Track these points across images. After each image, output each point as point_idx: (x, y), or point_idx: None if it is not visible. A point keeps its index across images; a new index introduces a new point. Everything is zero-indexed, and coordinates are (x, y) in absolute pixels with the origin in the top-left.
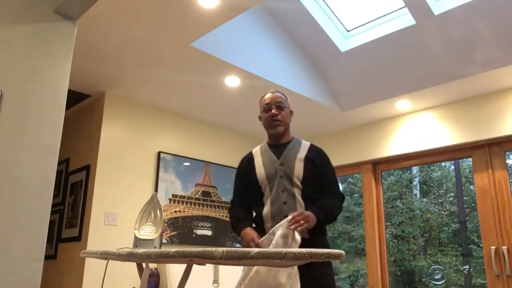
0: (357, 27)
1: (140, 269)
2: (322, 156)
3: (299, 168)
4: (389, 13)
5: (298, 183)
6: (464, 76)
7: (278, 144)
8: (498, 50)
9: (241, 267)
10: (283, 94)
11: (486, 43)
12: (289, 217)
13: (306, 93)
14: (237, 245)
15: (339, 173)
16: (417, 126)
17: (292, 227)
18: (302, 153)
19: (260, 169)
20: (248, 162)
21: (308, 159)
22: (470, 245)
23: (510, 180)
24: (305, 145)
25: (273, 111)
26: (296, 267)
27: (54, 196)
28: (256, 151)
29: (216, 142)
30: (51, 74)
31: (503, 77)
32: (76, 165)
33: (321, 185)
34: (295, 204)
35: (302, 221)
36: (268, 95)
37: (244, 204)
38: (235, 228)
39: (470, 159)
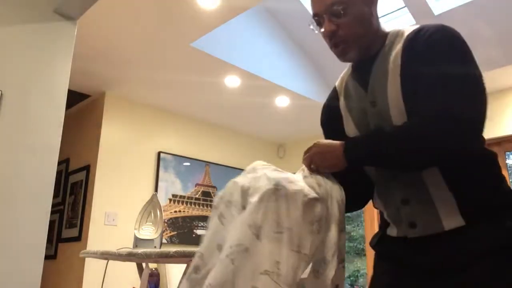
0: None
1: (140, 269)
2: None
3: (396, 102)
4: (389, 13)
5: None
6: None
7: (365, 60)
8: (498, 50)
9: None
10: None
11: (486, 43)
12: None
13: (306, 93)
14: None
15: None
16: None
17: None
18: (395, 64)
19: (347, 119)
20: (330, 107)
21: (405, 73)
22: None
23: (510, 180)
24: (398, 47)
25: (325, 26)
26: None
27: (54, 196)
28: (341, 83)
29: (216, 142)
30: (51, 74)
31: (503, 77)
32: (76, 165)
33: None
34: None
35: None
36: None
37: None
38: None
39: None
